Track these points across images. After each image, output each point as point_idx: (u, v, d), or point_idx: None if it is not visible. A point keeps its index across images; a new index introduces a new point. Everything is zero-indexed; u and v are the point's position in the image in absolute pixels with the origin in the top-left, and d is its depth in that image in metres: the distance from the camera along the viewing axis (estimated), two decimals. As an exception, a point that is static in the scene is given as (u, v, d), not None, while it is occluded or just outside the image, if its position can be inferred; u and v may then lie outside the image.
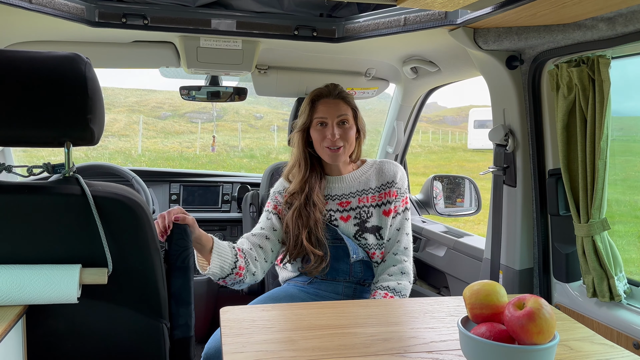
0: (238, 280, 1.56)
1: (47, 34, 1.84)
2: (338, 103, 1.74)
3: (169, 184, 2.79)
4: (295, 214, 1.69)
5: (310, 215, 1.69)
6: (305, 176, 1.76)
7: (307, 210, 1.70)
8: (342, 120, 1.72)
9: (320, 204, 1.72)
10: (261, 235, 1.70)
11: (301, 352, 0.96)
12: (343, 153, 1.73)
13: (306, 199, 1.71)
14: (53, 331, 1.16)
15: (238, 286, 1.62)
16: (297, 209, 1.70)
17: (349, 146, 1.74)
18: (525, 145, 1.73)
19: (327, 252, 1.69)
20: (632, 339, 1.39)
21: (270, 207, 1.79)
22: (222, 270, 1.52)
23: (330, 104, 1.74)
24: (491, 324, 0.89)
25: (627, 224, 6.90)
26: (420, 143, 27.23)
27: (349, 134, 1.73)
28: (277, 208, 1.77)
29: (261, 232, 1.71)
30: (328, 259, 1.68)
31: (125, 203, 1.14)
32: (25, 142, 1.12)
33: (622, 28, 1.28)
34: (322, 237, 1.68)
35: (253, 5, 1.75)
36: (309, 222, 1.68)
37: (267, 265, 1.68)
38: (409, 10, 1.66)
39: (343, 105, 1.74)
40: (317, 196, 1.72)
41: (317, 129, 1.73)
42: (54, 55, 1.10)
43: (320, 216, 1.70)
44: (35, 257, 1.11)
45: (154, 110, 30.51)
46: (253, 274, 1.60)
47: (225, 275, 1.53)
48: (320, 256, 1.67)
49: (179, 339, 1.27)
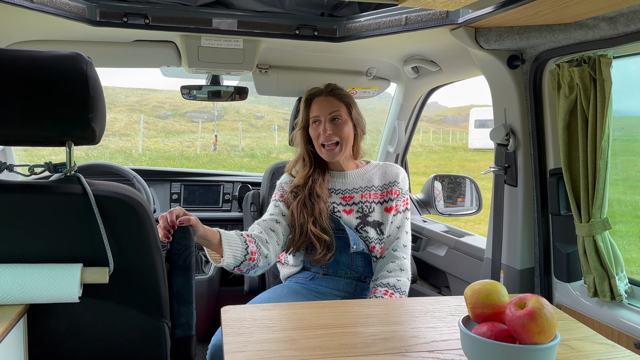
0: (252, 265, 1.57)
1: (49, 33, 1.84)
2: (330, 100, 1.79)
3: (170, 184, 2.80)
4: (300, 204, 1.74)
5: (314, 205, 1.73)
6: (309, 172, 1.81)
7: (312, 201, 1.74)
8: (335, 117, 1.76)
9: (323, 195, 1.76)
10: (272, 220, 1.73)
11: (302, 352, 0.96)
12: (339, 150, 1.77)
13: (310, 191, 1.76)
14: (54, 330, 1.16)
15: (253, 272, 1.62)
16: (302, 200, 1.75)
17: (344, 142, 1.77)
18: (526, 145, 1.73)
19: (333, 239, 1.72)
20: (633, 338, 1.39)
21: (277, 197, 1.83)
22: (236, 259, 1.53)
23: (323, 102, 1.79)
24: (492, 324, 0.89)
25: (628, 223, 6.89)
26: (421, 143, 27.23)
27: (343, 129, 1.76)
28: (284, 196, 1.82)
29: (271, 217, 1.75)
30: (334, 248, 1.72)
31: (126, 202, 1.14)
32: (26, 142, 1.12)
33: (624, 28, 1.28)
34: (327, 225, 1.72)
35: (254, 5, 1.75)
36: (314, 212, 1.72)
37: (279, 249, 1.70)
38: (410, 10, 1.66)
39: (335, 102, 1.78)
40: (320, 188, 1.77)
41: (313, 127, 1.79)
42: (56, 54, 1.10)
43: (324, 206, 1.75)
44: (37, 256, 1.11)
45: (154, 110, 30.52)
46: (266, 256, 1.61)
47: (239, 263, 1.54)
48: (326, 243, 1.70)
49: (180, 338, 1.27)
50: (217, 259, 1.55)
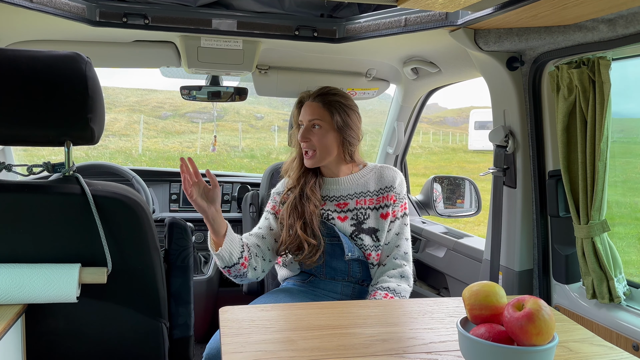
0: (242, 272, 1.58)
1: (48, 33, 1.85)
2: (313, 107, 1.73)
3: (169, 184, 2.80)
4: (291, 206, 1.73)
5: (305, 208, 1.71)
6: (301, 171, 1.79)
7: (302, 202, 1.72)
8: (314, 124, 1.72)
9: (313, 197, 1.73)
10: (257, 235, 1.72)
11: (300, 353, 0.96)
12: (315, 158, 1.73)
13: (301, 192, 1.74)
14: (52, 330, 1.16)
15: (240, 280, 1.63)
16: (292, 202, 1.73)
17: (321, 150, 1.71)
18: (525, 147, 1.73)
19: (322, 242, 1.70)
20: (631, 340, 1.39)
21: (269, 208, 1.82)
22: (231, 258, 1.54)
23: (307, 107, 1.75)
24: (490, 325, 0.89)
25: (627, 225, 6.89)
26: (421, 144, 27.23)
27: (320, 138, 1.70)
28: (275, 208, 1.80)
29: (258, 232, 1.74)
30: (322, 249, 1.69)
31: (125, 202, 1.14)
32: (25, 141, 1.13)
33: (623, 30, 1.28)
34: (317, 229, 1.69)
35: (254, 6, 1.75)
36: (304, 215, 1.70)
37: (267, 265, 1.69)
38: (410, 11, 1.66)
39: (317, 109, 1.72)
40: (310, 190, 1.74)
41: (298, 131, 1.76)
42: (55, 54, 1.10)
43: (314, 209, 1.71)
44: (35, 256, 1.11)
45: (154, 110, 30.53)
46: (254, 268, 1.62)
47: (232, 264, 1.55)
48: (314, 245, 1.67)
49: (178, 338, 1.27)
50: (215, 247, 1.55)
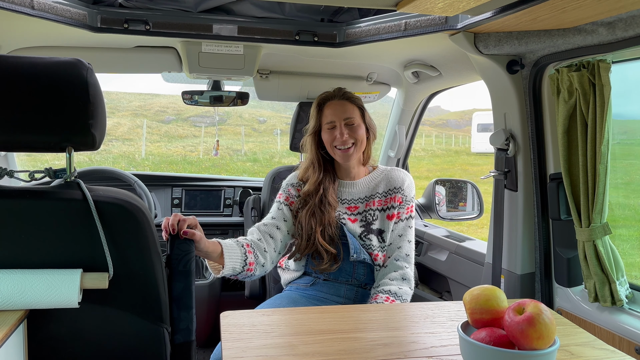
0: (249, 275, 1.61)
1: (49, 39, 1.86)
2: (344, 104, 1.78)
3: (171, 189, 2.80)
4: (309, 213, 1.73)
5: (324, 214, 1.73)
6: (319, 178, 1.80)
7: (322, 210, 1.74)
8: (350, 122, 1.76)
9: (334, 203, 1.76)
10: (272, 225, 1.73)
11: (301, 357, 0.96)
12: (354, 152, 1.77)
13: (321, 199, 1.75)
14: (54, 336, 1.17)
15: (249, 279, 1.66)
16: (311, 208, 1.74)
17: (359, 144, 1.77)
18: (526, 150, 1.73)
19: (341, 250, 1.72)
20: (634, 344, 1.39)
21: (282, 198, 1.83)
22: (234, 270, 1.56)
23: (337, 106, 1.78)
24: (491, 329, 0.88)
25: (630, 227, 6.87)
26: (424, 147, 27.19)
27: (358, 133, 1.76)
28: (289, 200, 1.81)
29: (272, 222, 1.75)
30: (341, 257, 1.72)
31: (126, 208, 1.14)
32: (26, 147, 1.13)
33: (622, 33, 1.28)
34: (335, 235, 1.72)
35: (254, 11, 1.76)
36: (323, 221, 1.72)
37: (276, 256, 1.71)
38: (410, 15, 1.67)
39: (349, 106, 1.78)
40: (331, 196, 1.77)
41: (327, 132, 1.78)
42: (56, 60, 1.11)
43: (334, 215, 1.74)
44: (36, 262, 1.12)
45: (157, 114, 30.58)
46: (262, 265, 1.64)
47: (237, 273, 1.58)
48: (333, 255, 1.70)
49: (180, 343, 1.27)
50: (217, 268, 1.57)
